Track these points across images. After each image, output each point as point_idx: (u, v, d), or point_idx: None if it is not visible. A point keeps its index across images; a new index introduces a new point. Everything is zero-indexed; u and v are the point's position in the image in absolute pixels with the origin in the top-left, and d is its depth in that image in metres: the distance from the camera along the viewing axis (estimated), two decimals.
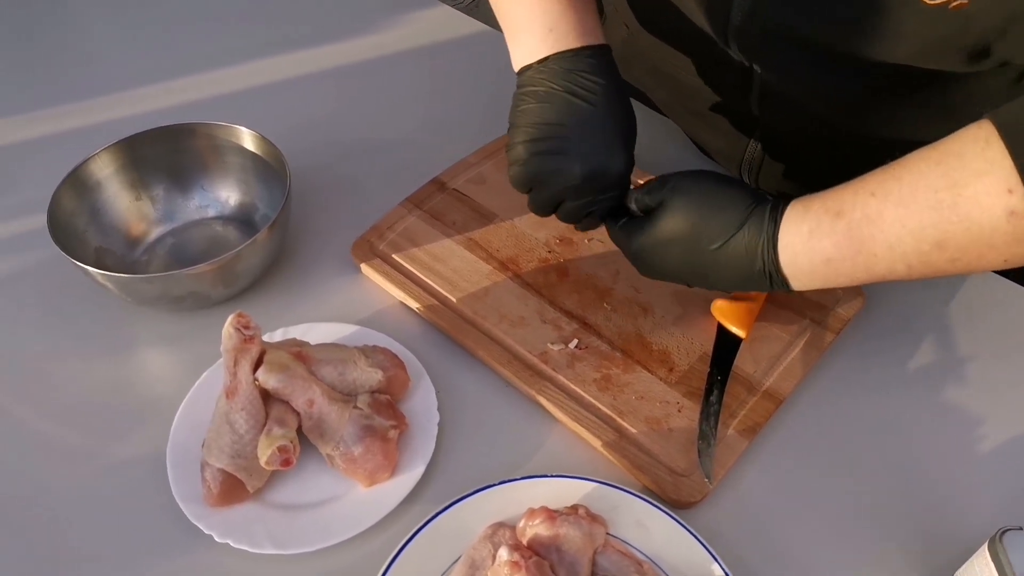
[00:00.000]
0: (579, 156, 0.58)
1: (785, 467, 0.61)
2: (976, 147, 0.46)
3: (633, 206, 0.58)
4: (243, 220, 0.78)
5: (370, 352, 0.64)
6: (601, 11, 0.84)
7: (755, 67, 0.67)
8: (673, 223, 0.54)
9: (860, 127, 0.67)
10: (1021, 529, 0.49)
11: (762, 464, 0.61)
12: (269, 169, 0.75)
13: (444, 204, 0.78)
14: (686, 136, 0.85)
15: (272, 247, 0.70)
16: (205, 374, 0.65)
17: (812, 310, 0.69)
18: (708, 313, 0.68)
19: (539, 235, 0.75)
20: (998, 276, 0.73)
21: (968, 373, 0.66)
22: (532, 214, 0.65)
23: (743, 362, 0.65)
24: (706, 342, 0.67)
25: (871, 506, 0.59)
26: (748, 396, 0.63)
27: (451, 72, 0.97)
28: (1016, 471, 0.61)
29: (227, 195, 0.78)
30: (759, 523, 0.58)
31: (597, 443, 0.61)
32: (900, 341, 0.69)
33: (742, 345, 0.65)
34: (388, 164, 0.85)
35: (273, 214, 0.75)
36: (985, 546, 0.50)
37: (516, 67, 0.62)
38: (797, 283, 0.54)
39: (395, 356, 0.64)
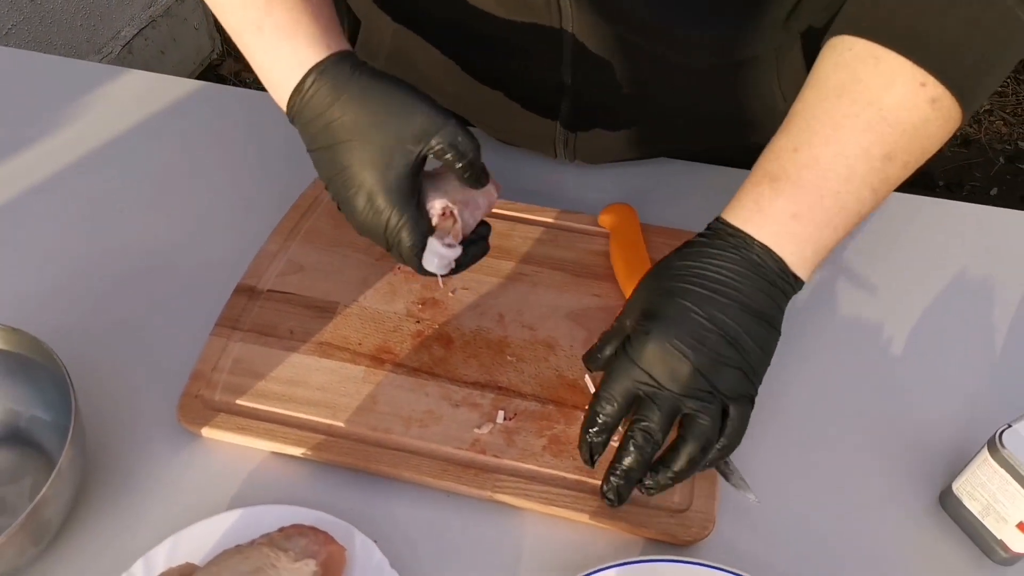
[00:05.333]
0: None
1: (763, 449, 0.58)
2: (867, 68, 0.48)
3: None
4: None
5: (285, 541, 0.49)
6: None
7: (571, 30, 0.61)
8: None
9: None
10: (1010, 426, 0.51)
11: (741, 461, 0.58)
12: (15, 360, 0.54)
13: (267, 313, 0.62)
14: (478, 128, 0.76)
15: (78, 465, 0.51)
16: None
17: None
18: (611, 318, 0.62)
19: (397, 307, 0.63)
20: None
21: (852, 280, 0.68)
22: (378, 288, 0.64)
23: None
24: None
25: (855, 446, 0.58)
26: None
27: (183, 150, 0.77)
28: (962, 367, 0.63)
29: None
30: (771, 517, 0.55)
31: (583, 517, 0.53)
32: None
33: None
34: (170, 291, 0.66)
35: (46, 414, 0.55)
36: (985, 453, 0.51)
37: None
38: (789, 254, 0.49)
39: (317, 530, 0.50)
